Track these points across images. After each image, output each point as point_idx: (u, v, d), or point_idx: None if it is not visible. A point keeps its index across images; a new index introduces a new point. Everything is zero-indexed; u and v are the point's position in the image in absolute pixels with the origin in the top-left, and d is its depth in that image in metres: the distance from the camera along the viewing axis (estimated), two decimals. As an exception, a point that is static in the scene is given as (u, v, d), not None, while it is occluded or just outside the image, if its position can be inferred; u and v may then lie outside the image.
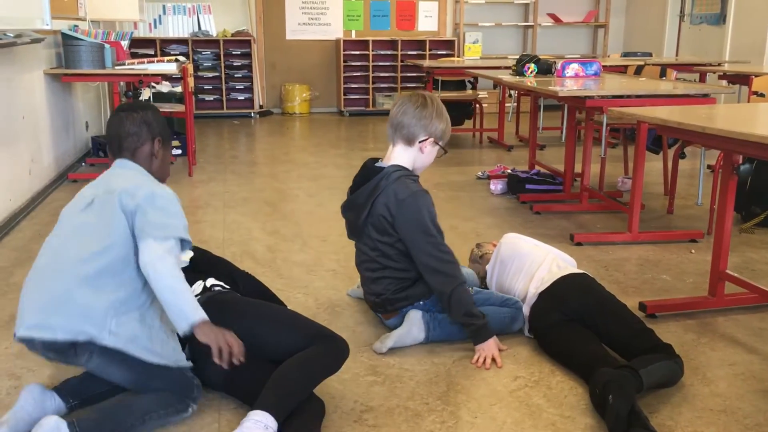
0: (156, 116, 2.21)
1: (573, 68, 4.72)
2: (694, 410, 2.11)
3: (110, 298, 1.93)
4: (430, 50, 9.22)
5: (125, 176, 2.10)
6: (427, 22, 9.52)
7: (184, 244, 2.04)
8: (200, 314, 1.93)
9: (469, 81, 7.18)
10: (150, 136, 2.17)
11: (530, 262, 2.68)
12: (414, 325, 2.47)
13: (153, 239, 1.93)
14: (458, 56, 8.99)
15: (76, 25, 5.42)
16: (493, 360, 2.39)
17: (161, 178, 2.22)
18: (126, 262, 1.96)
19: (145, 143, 2.16)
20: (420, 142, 2.49)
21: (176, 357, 2.04)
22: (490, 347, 2.41)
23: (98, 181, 2.16)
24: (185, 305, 1.92)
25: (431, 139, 2.50)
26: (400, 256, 2.49)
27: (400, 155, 2.52)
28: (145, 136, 2.16)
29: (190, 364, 2.08)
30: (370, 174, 2.50)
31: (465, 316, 2.41)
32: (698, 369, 2.36)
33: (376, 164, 2.54)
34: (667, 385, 2.21)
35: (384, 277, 2.54)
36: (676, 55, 8.70)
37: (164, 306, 1.93)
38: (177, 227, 2.00)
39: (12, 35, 3.79)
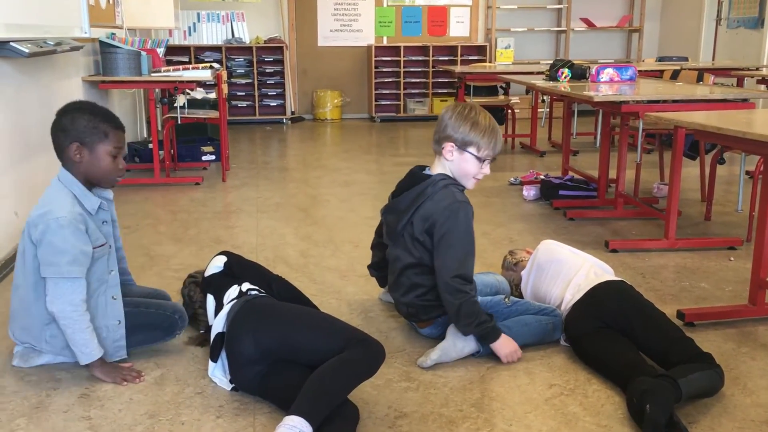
0: (74, 120, 2.25)
1: (608, 73, 4.67)
2: (734, 421, 2.07)
3: (39, 316, 2.27)
4: (461, 56, 9.21)
5: (45, 196, 2.28)
6: (459, 27, 9.51)
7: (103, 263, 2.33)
8: (87, 358, 2.25)
9: (501, 86, 7.14)
10: (66, 141, 2.26)
11: (567, 269, 2.65)
12: (458, 338, 2.42)
13: (48, 279, 2.21)
14: (490, 62, 8.95)
15: (113, 33, 5.52)
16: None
17: (102, 180, 2.33)
18: (43, 287, 2.24)
19: (64, 149, 2.27)
20: (442, 147, 2.48)
21: (114, 351, 2.35)
22: (507, 343, 2.41)
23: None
24: (75, 349, 2.25)
25: (451, 144, 2.45)
26: (432, 263, 2.48)
27: (438, 164, 2.53)
28: (62, 141, 2.27)
29: (125, 356, 2.37)
30: (416, 180, 2.50)
31: (477, 326, 2.38)
32: (738, 379, 2.31)
33: (424, 172, 2.54)
34: (707, 395, 2.17)
35: (419, 285, 2.52)
36: (713, 59, 8.56)
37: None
38: (60, 266, 2.18)
39: (52, 43, 3.87)
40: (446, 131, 2.45)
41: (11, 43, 3.34)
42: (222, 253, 2.59)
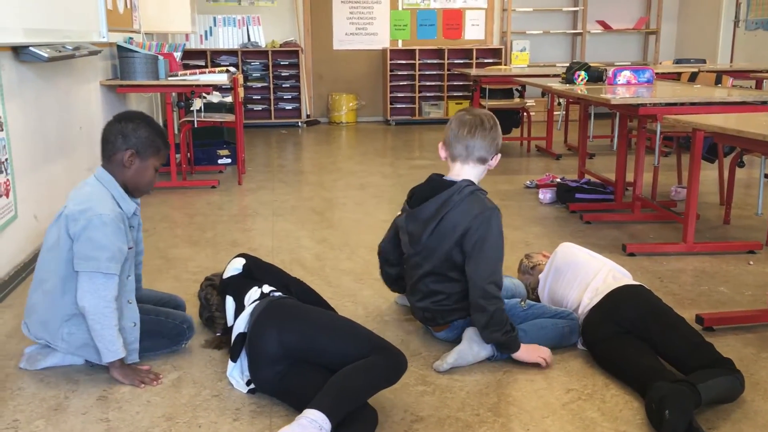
0: (136, 129, 2.36)
1: (625, 75, 4.64)
2: (755, 427, 2.04)
3: (62, 312, 2.29)
4: (477, 59, 9.19)
5: (84, 192, 2.34)
6: (474, 30, 9.49)
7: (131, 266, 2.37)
8: (112, 356, 2.27)
9: (517, 89, 7.12)
10: (123, 146, 2.35)
11: (585, 272, 2.63)
12: (474, 342, 2.41)
13: (83, 273, 2.23)
14: (505, 64, 8.93)
15: (130, 38, 5.57)
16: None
17: (136, 190, 2.42)
18: (75, 280, 2.25)
19: (117, 152, 2.35)
20: (492, 159, 2.53)
21: (128, 354, 2.33)
22: (528, 351, 2.40)
23: (75, 189, 2.40)
24: (101, 345, 2.26)
25: (499, 154, 2.56)
26: (459, 271, 2.47)
27: (470, 172, 2.52)
28: (119, 146, 2.35)
29: (137, 359, 2.38)
30: (438, 187, 2.49)
31: (504, 334, 2.37)
32: (759, 384, 2.29)
33: (445, 178, 2.53)
34: (727, 400, 2.14)
35: (438, 292, 2.51)
36: (731, 61, 8.49)
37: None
38: (99, 261, 2.22)
39: (71, 48, 3.91)
40: (498, 143, 2.52)
41: (31, 48, 3.37)
42: (240, 255, 2.60)
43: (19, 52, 3.38)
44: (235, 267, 2.51)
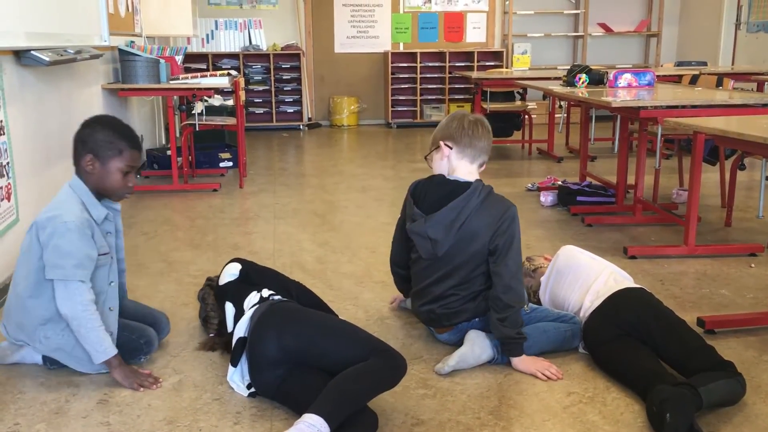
0: (92, 133, 2.32)
1: (626, 78, 4.64)
2: (756, 430, 2.04)
3: (37, 315, 2.31)
4: (478, 62, 9.19)
5: (56, 200, 2.35)
6: (475, 33, 9.50)
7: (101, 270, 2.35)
8: (103, 356, 2.27)
9: (518, 92, 7.13)
10: (83, 151, 2.33)
11: (587, 274, 2.63)
12: (476, 344, 2.41)
13: (56, 281, 2.24)
14: (507, 67, 8.93)
15: (132, 41, 5.58)
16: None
17: (109, 194, 2.39)
18: (46, 287, 2.27)
19: (79, 158, 2.34)
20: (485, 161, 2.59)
21: (96, 367, 2.32)
22: (533, 362, 2.40)
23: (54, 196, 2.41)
24: (88, 347, 2.27)
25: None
26: (475, 272, 2.48)
27: (476, 172, 2.56)
28: (79, 151, 2.34)
29: (105, 369, 2.32)
30: (454, 191, 2.48)
31: (517, 334, 2.39)
32: (760, 387, 2.28)
33: (457, 180, 2.52)
34: (728, 404, 2.14)
35: (451, 295, 2.51)
36: (732, 64, 8.49)
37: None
38: (65, 268, 2.23)
39: (72, 51, 3.92)
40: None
41: (32, 52, 3.38)
42: (235, 260, 2.60)
43: (20, 55, 3.39)
44: (231, 273, 2.51)
